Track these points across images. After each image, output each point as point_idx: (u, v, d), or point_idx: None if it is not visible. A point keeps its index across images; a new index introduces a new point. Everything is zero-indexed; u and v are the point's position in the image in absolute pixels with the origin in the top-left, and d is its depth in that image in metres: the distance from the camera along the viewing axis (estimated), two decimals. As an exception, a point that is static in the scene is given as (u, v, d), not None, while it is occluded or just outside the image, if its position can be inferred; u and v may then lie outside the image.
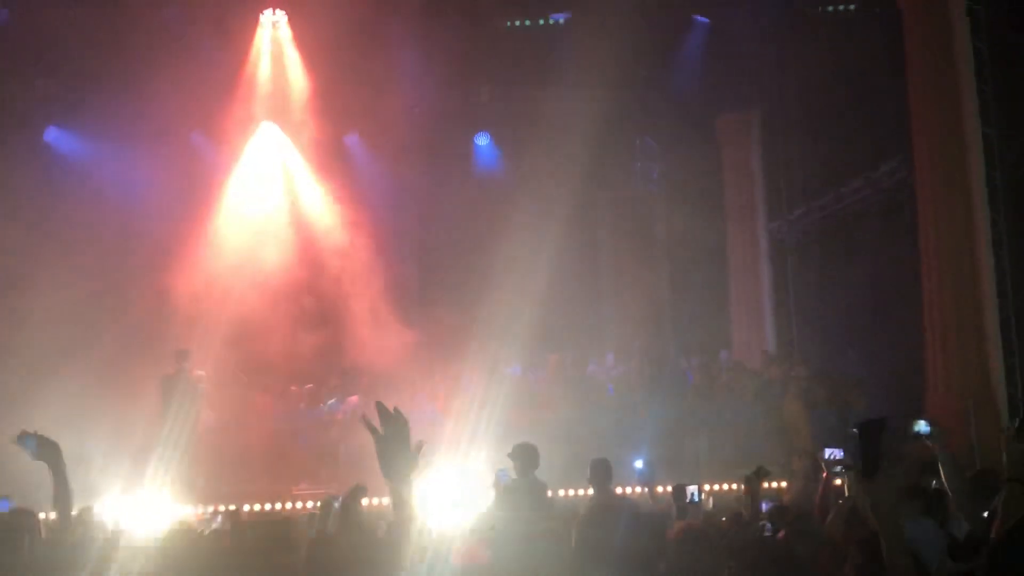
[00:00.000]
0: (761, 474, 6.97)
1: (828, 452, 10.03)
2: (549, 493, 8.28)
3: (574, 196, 18.80)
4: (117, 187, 15.56)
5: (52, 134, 16.94)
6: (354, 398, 15.47)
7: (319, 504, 8.79)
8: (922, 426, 6.50)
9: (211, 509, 11.47)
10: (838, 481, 7.66)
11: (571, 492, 11.75)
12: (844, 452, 9.12)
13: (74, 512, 5.00)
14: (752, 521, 6.89)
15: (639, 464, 7.99)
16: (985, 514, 5.04)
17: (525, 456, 8.39)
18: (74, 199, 15.28)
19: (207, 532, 7.89)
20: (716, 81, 17.09)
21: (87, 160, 16.52)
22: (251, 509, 12.00)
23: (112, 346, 15.25)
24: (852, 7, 15.68)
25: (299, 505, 12.31)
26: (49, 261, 14.26)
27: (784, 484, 12.92)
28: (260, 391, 15.51)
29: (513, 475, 7.91)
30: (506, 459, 8.02)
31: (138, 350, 14.53)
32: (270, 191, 17.19)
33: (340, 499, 7.35)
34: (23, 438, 4.62)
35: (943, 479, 6.66)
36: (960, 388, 11.63)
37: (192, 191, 16.31)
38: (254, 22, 17.00)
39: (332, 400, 15.53)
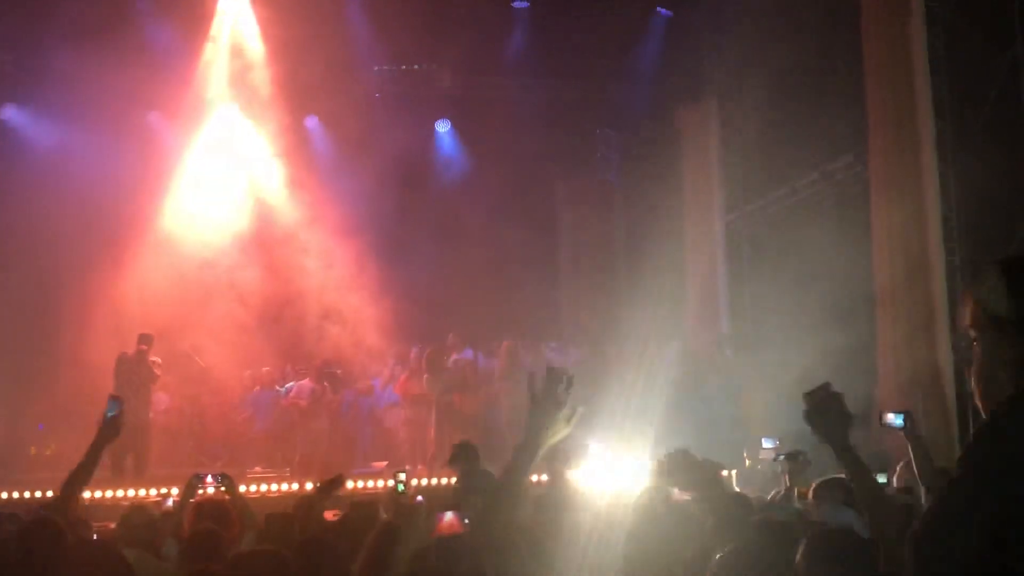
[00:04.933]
0: None
1: (764, 442, 10.15)
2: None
3: (534, 184, 18.89)
4: (73, 167, 15.33)
5: (9, 112, 16.63)
6: (306, 381, 15.40)
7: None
8: (894, 419, 5.80)
9: (164, 491, 11.36)
10: (779, 469, 7.75)
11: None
12: (778, 442, 9.23)
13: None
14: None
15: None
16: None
17: (465, 455, 8.60)
18: (28, 179, 15.07)
19: (160, 513, 7.83)
20: (676, 72, 17.16)
21: (42, 139, 16.26)
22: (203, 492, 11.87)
23: (66, 328, 15.11)
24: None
25: (253, 488, 12.21)
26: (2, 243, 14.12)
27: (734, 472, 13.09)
28: (216, 375, 15.43)
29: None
30: None
31: (92, 333, 14.41)
32: (228, 173, 17.02)
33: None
34: (115, 401, 5.03)
35: (915, 471, 6.34)
36: (909, 382, 11.76)
37: (149, 172, 16.13)
38: (214, 1, 16.78)
39: (289, 384, 15.48)
